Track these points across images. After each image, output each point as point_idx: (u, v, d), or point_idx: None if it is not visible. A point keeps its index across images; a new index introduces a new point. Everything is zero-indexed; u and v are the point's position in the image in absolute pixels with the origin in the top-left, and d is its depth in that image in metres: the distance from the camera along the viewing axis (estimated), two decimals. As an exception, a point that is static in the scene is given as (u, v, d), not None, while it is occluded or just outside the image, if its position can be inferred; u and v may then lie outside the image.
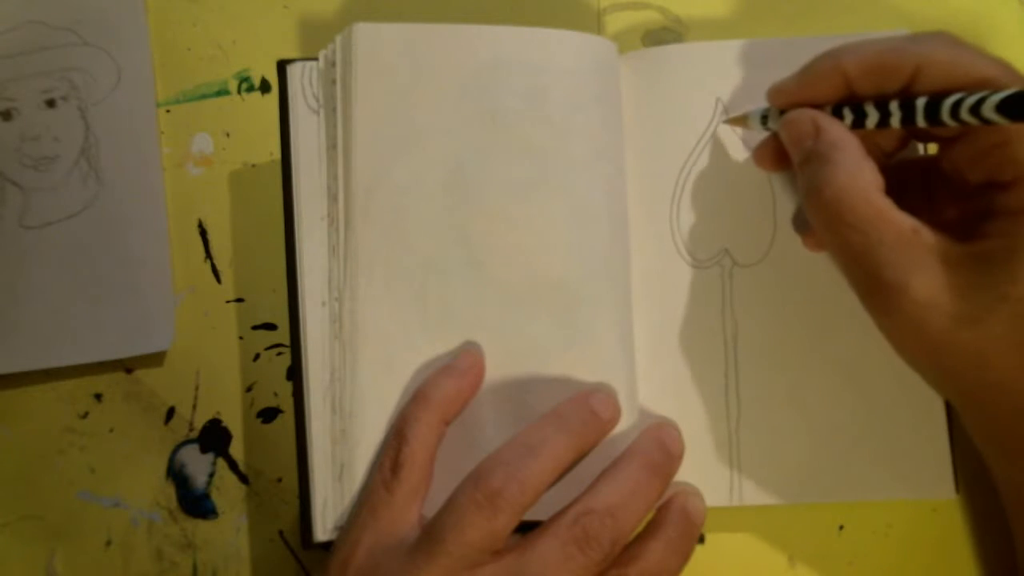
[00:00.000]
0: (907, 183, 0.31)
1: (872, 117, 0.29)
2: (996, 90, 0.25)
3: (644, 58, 0.36)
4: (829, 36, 0.36)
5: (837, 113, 0.30)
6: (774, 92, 0.32)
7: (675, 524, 0.31)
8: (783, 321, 0.35)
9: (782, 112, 0.31)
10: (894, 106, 0.28)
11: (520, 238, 0.34)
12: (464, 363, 0.33)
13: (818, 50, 0.35)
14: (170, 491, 0.38)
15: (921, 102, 0.27)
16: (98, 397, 0.38)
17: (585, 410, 0.31)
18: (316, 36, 0.40)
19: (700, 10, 0.39)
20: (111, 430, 0.38)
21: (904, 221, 0.27)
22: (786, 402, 0.35)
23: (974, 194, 0.28)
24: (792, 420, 0.35)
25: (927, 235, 0.26)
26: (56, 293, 0.37)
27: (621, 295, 0.34)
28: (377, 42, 0.34)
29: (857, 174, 0.27)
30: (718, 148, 0.36)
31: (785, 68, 0.35)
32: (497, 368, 0.33)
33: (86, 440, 0.38)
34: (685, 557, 0.31)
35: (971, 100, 0.25)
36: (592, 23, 0.40)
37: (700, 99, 0.36)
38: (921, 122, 0.27)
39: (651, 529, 0.31)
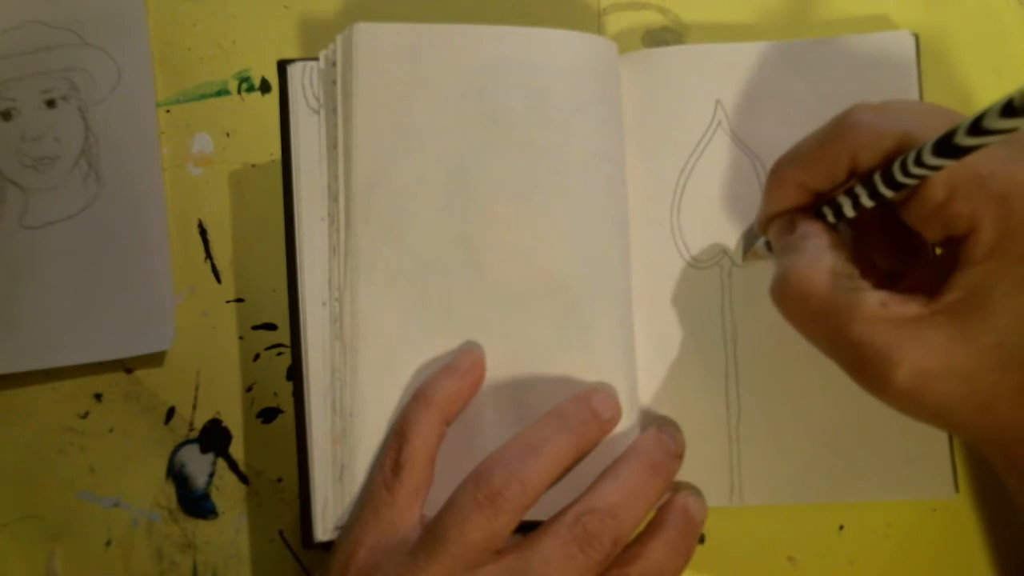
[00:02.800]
0: (878, 253, 0.31)
1: (846, 205, 0.29)
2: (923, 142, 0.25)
3: (644, 59, 0.36)
4: (828, 39, 0.36)
5: (818, 215, 0.30)
6: (757, 223, 0.32)
7: (676, 524, 0.31)
8: (783, 321, 0.35)
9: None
10: (860, 191, 0.28)
11: (520, 238, 0.34)
12: (464, 363, 0.33)
13: (816, 53, 0.36)
14: (170, 491, 0.38)
15: (877, 175, 0.27)
16: (98, 397, 0.38)
17: (585, 409, 0.31)
18: (316, 36, 0.40)
19: (700, 11, 0.39)
20: (111, 430, 0.38)
21: (871, 299, 0.27)
22: (786, 402, 0.35)
23: (936, 254, 0.29)
24: (792, 420, 0.35)
25: (895, 306, 0.26)
26: (56, 293, 0.37)
27: (621, 295, 0.34)
28: (377, 42, 0.34)
29: (820, 260, 0.28)
30: (718, 149, 0.36)
31: (785, 70, 0.36)
32: (498, 368, 0.33)
33: (86, 440, 0.38)
34: (686, 557, 0.31)
35: (912, 155, 0.25)
36: (592, 23, 0.40)
37: (700, 100, 0.36)
38: (886, 192, 0.27)
39: (652, 529, 0.32)
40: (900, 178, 0.26)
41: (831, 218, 0.29)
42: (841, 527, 0.36)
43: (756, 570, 0.36)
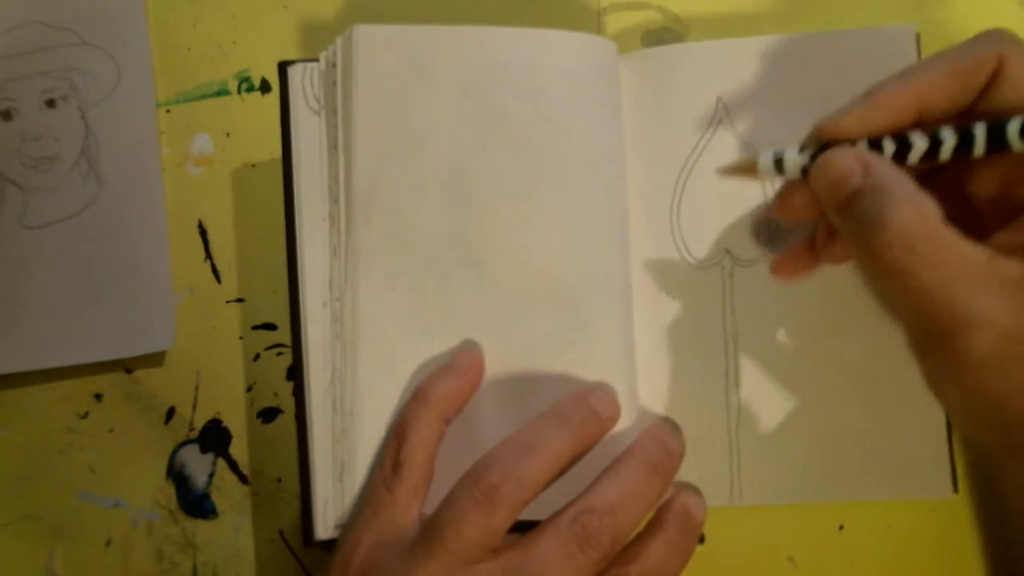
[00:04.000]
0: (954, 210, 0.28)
1: (919, 147, 0.26)
2: None
3: (644, 58, 0.36)
4: (829, 32, 0.36)
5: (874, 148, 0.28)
6: (832, 130, 0.28)
7: (676, 523, 0.31)
8: (783, 321, 0.35)
9: (814, 154, 0.28)
10: (947, 133, 0.26)
11: (520, 238, 0.34)
12: (463, 362, 0.33)
13: (819, 47, 0.35)
14: (170, 491, 0.38)
15: (981, 129, 0.25)
16: (98, 397, 0.38)
17: (584, 408, 0.31)
18: (316, 36, 0.40)
19: (700, 10, 0.39)
20: (111, 430, 0.38)
21: (979, 251, 0.24)
22: (786, 402, 0.35)
23: (1015, 215, 0.27)
24: (792, 420, 0.35)
25: (1003, 263, 0.24)
26: (56, 293, 0.37)
27: (621, 295, 0.34)
28: (377, 44, 0.34)
29: (921, 206, 0.25)
30: (718, 148, 0.36)
31: (785, 66, 0.36)
32: (497, 367, 0.33)
33: (86, 440, 0.38)
34: (685, 557, 0.31)
35: None
36: (592, 23, 0.40)
37: (700, 99, 0.36)
38: (980, 150, 0.25)
39: (652, 528, 0.31)
40: (1012, 139, 0.24)
41: (915, 158, 0.26)
42: (841, 527, 0.36)
43: (756, 570, 0.36)
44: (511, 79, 0.34)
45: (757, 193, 0.35)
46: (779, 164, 0.29)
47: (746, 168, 0.30)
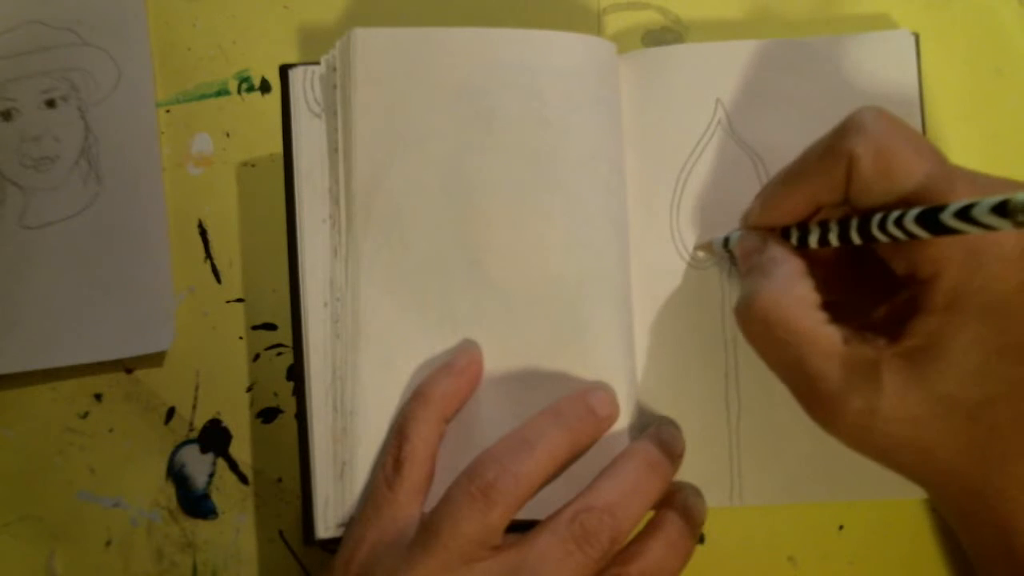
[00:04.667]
0: (848, 278, 0.31)
1: (814, 236, 0.29)
2: (916, 204, 0.25)
3: (644, 58, 0.36)
4: (829, 37, 0.36)
5: (785, 235, 0.30)
6: (743, 218, 0.32)
7: (675, 523, 0.31)
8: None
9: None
10: (832, 227, 0.28)
11: (519, 238, 0.34)
12: (462, 361, 0.33)
13: (818, 51, 0.36)
14: (170, 491, 0.38)
15: (854, 222, 0.27)
16: (98, 397, 0.38)
17: (582, 407, 0.31)
18: (316, 36, 0.40)
19: (700, 10, 0.39)
20: (111, 430, 0.38)
21: (833, 334, 0.27)
22: (786, 402, 0.35)
23: (900, 289, 0.28)
24: (792, 420, 0.35)
25: (856, 345, 0.26)
26: (56, 293, 0.37)
27: (621, 295, 0.34)
28: (376, 47, 0.34)
29: (788, 288, 0.28)
30: (718, 148, 0.36)
31: (784, 70, 0.36)
32: (497, 366, 0.33)
33: (86, 440, 0.38)
34: (685, 557, 0.31)
35: (893, 216, 0.25)
36: (592, 23, 0.40)
37: (700, 99, 0.36)
38: (856, 240, 0.27)
39: (651, 528, 0.32)
40: (876, 233, 0.26)
41: (814, 243, 0.29)
42: (841, 527, 0.36)
43: (756, 570, 0.36)
44: (510, 80, 0.34)
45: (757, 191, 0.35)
46: (725, 243, 0.33)
47: (707, 248, 0.35)
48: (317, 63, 0.35)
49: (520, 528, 0.30)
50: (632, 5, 0.40)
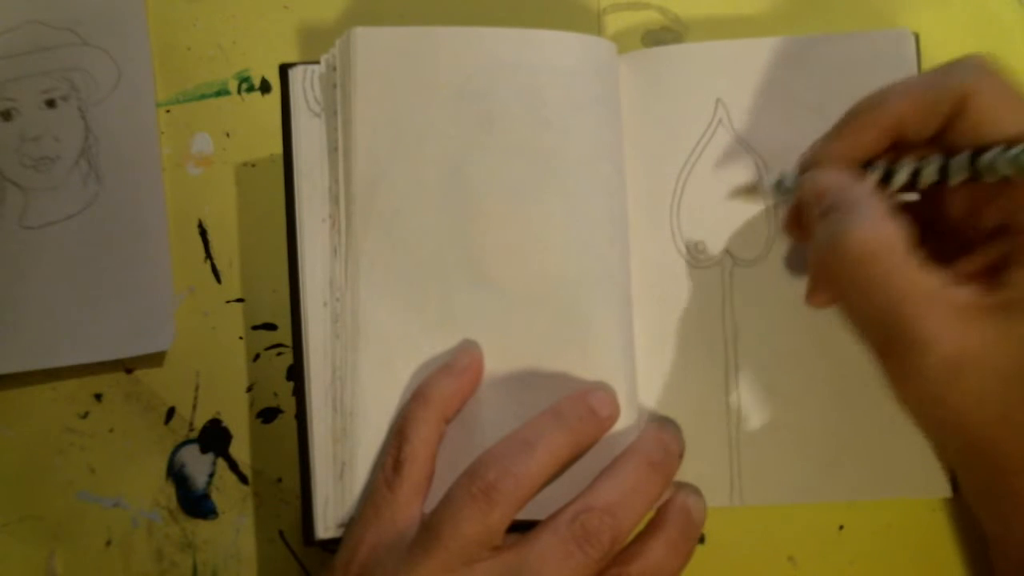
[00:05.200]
0: (927, 231, 0.29)
1: (900, 177, 0.27)
2: None
3: (644, 58, 0.36)
4: (828, 35, 0.36)
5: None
6: (812, 163, 0.30)
7: (676, 523, 0.31)
8: (783, 321, 0.35)
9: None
10: (930, 168, 0.27)
11: (519, 238, 0.34)
12: (462, 361, 0.33)
13: (819, 49, 0.35)
14: (170, 491, 0.38)
15: (961, 157, 0.26)
16: (98, 397, 0.38)
17: (583, 407, 0.31)
18: (316, 36, 0.40)
19: (700, 10, 0.39)
20: (111, 430, 0.38)
21: (930, 276, 0.25)
22: (786, 402, 0.35)
23: (987, 242, 0.27)
24: (792, 420, 0.35)
25: (954, 290, 0.25)
26: (56, 293, 0.37)
27: (621, 295, 0.34)
28: (376, 46, 0.34)
29: (882, 226, 0.26)
30: (718, 148, 0.36)
31: (785, 68, 0.36)
32: (497, 367, 0.33)
33: (86, 440, 0.38)
34: (686, 557, 0.31)
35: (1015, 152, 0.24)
36: (592, 23, 0.40)
37: (700, 99, 0.36)
38: (959, 176, 0.26)
39: (652, 528, 0.32)
40: (1001, 165, 0.25)
41: (903, 179, 0.28)
42: (841, 527, 0.36)
43: (756, 570, 0.36)
44: (510, 80, 0.34)
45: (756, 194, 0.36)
46: (779, 186, 0.31)
47: (751, 190, 0.33)
48: (317, 63, 0.35)
49: (521, 528, 0.30)
50: (632, 5, 0.40)
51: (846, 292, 0.27)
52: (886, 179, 0.28)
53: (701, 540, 0.33)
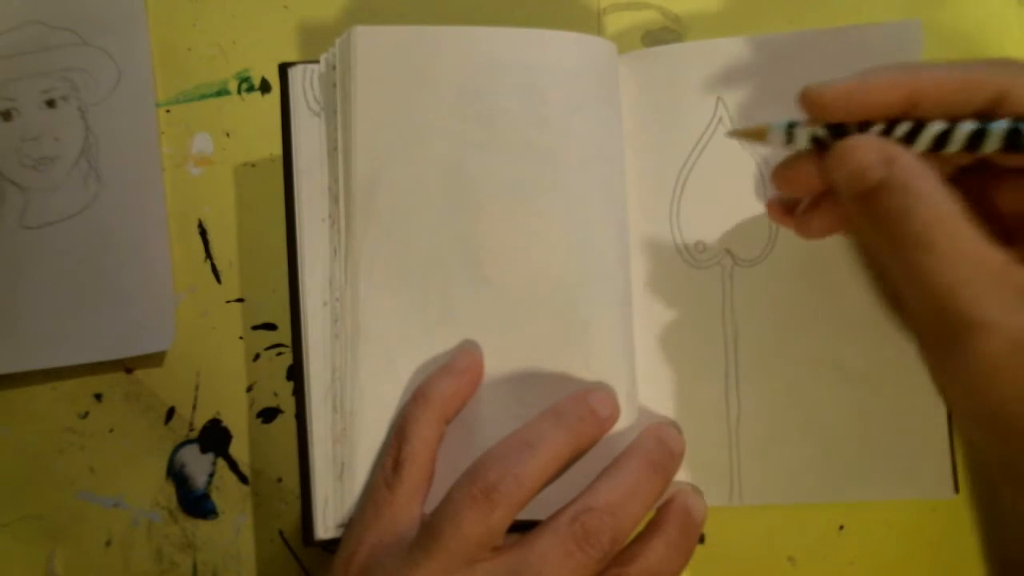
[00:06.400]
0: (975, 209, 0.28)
1: (927, 135, 0.26)
2: None
3: (644, 58, 0.36)
4: (832, 28, 0.35)
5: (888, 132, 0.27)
6: (814, 98, 0.27)
7: (676, 523, 0.31)
8: (783, 321, 0.35)
9: (828, 128, 0.27)
10: (962, 130, 0.25)
11: (519, 238, 0.34)
12: (462, 362, 0.33)
13: (820, 44, 0.35)
14: (170, 491, 0.38)
15: (1000, 127, 0.25)
16: (98, 397, 0.38)
17: (583, 407, 0.31)
18: (316, 36, 0.40)
19: (700, 10, 0.39)
20: (111, 430, 0.38)
21: (995, 255, 0.24)
22: (786, 402, 0.35)
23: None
24: (792, 420, 0.35)
25: (1019, 270, 0.24)
26: (56, 293, 0.37)
27: (620, 295, 0.34)
28: (376, 45, 0.34)
29: (943, 203, 0.24)
30: (718, 148, 0.36)
31: (787, 64, 0.35)
32: (497, 367, 0.33)
33: (86, 440, 0.38)
34: (686, 557, 0.31)
35: None
36: (592, 23, 0.40)
37: (700, 99, 0.36)
38: (994, 147, 0.25)
39: (652, 528, 0.31)
40: None
41: (958, 146, 0.26)
42: (841, 527, 0.36)
43: (756, 570, 0.36)
44: (510, 79, 0.34)
45: (756, 193, 0.35)
46: (790, 135, 0.28)
47: (756, 134, 0.29)
48: (317, 62, 0.35)
49: (521, 528, 0.30)
50: (632, 5, 0.40)
51: (907, 275, 0.25)
52: (909, 138, 0.26)
53: (701, 540, 0.33)
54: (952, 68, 0.26)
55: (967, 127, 0.25)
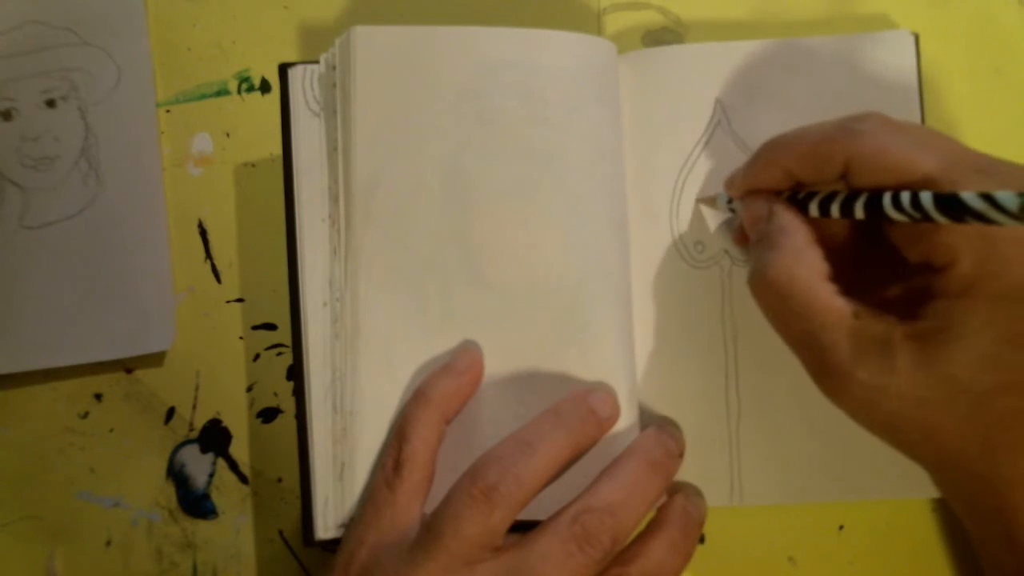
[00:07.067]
0: (856, 258, 0.31)
1: (813, 210, 0.29)
2: (931, 187, 0.26)
3: (644, 58, 0.36)
4: (829, 37, 0.36)
5: (793, 199, 0.31)
6: (727, 183, 0.33)
7: (676, 523, 0.31)
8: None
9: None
10: (835, 207, 0.29)
11: (519, 238, 0.34)
12: (462, 362, 0.33)
13: (817, 51, 0.36)
14: (170, 491, 0.38)
15: (860, 202, 0.28)
16: (98, 397, 0.38)
17: (583, 407, 0.31)
18: (316, 36, 0.40)
19: (700, 10, 0.39)
20: (111, 430, 0.38)
21: (844, 307, 0.27)
22: (786, 402, 0.35)
23: (914, 273, 0.29)
24: (792, 420, 0.35)
25: (868, 320, 0.27)
26: (56, 293, 0.37)
27: (621, 295, 0.34)
28: (375, 45, 0.34)
29: (799, 260, 0.28)
30: (718, 148, 0.36)
31: (785, 68, 0.36)
32: (497, 367, 0.33)
33: (86, 440, 0.38)
34: (686, 557, 0.31)
35: (907, 196, 0.26)
36: (592, 23, 0.40)
37: (700, 100, 0.36)
38: (860, 215, 0.28)
39: (652, 528, 0.32)
40: (890, 211, 0.26)
41: (814, 212, 0.30)
42: (841, 527, 0.36)
43: (756, 570, 0.36)
44: (510, 79, 0.34)
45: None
46: (730, 202, 0.34)
47: (712, 202, 0.35)
48: (317, 62, 0.35)
49: (521, 529, 0.30)
50: (632, 5, 0.40)
51: (771, 319, 0.29)
52: (824, 212, 0.29)
53: (701, 540, 0.33)
54: (810, 142, 0.29)
55: (836, 205, 0.29)
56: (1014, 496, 0.26)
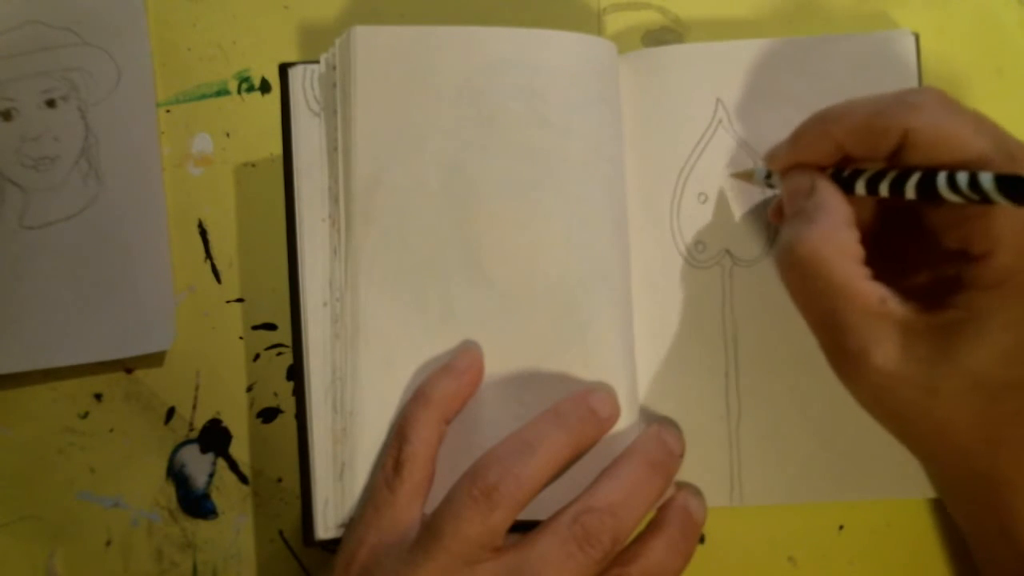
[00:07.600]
0: (888, 241, 0.31)
1: (860, 188, 0.29)
2: (987, 169, 0.25)
3: (644, 58, 0.36)
4: (829, 36, 0.36)
5: (837, 176, 0.30)
6: (769, 156, 0.32)
7: (677, 523, 0.32)
8: (783, 321, 0.35)
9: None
10: (884, 185, 0.28)
11: (519, 238, 0.34)
12: (463, 362, 0.33)
13: (818, 51, 0.36)
14: (170, 491, 0.38)
15: (913, 180, 0.27)
16: (98, 397, 0.38)
17: (583, 408, 0.31)
18: (316, 36, 0.40)
19: (700, 10, 0.39)
20: (111, 430, 0.38)
21: (871, 291, 0.27)
22: (786, 402, 0.35)
23: (947, 261, 0.28)
24: (792, 420, 0.35)
25: (893, 306, 0.26)
26: (56, 293, 0.37)
27: (621, 295, 0.34)
28: (376, 45, 0.34)
29: (832, 238, 0.27)
30: (718, 148, 0.36)
31: (786, 68, 0.36)
32: (497, 367, 0.33)
33: (86, 440, 0.38)
34: (686, 557, 0.31)
35: (964, 176, 0.25)
36: (592, 23, 0.40)
37: (700, 99, 0.36)
38: (911, 195, 0.27)
39: (652, 528, 0.32)
40: (944, 191, 0.26)
41: (861, 190, 0.29)
42: (841, 527, 0.36)
43: (756, 570, 0.36)
44: (510, 79, 0.34)
45: (756, 194, 0.36)
46: (768, 177, 0.33)
47: (748, 176, 0.35)
48: (317, 62, 0.35)
49: (521, 529, 0.30)
50: (632, 5, 0.40)
51: (795, 295, 0.29)
52: (849, 184, 0.29)
53: (701, 540, 0.33)
54: (857, 117, 0.28)
55: (886, 183, 0.28)
56: (1014, 496, 0.26)
